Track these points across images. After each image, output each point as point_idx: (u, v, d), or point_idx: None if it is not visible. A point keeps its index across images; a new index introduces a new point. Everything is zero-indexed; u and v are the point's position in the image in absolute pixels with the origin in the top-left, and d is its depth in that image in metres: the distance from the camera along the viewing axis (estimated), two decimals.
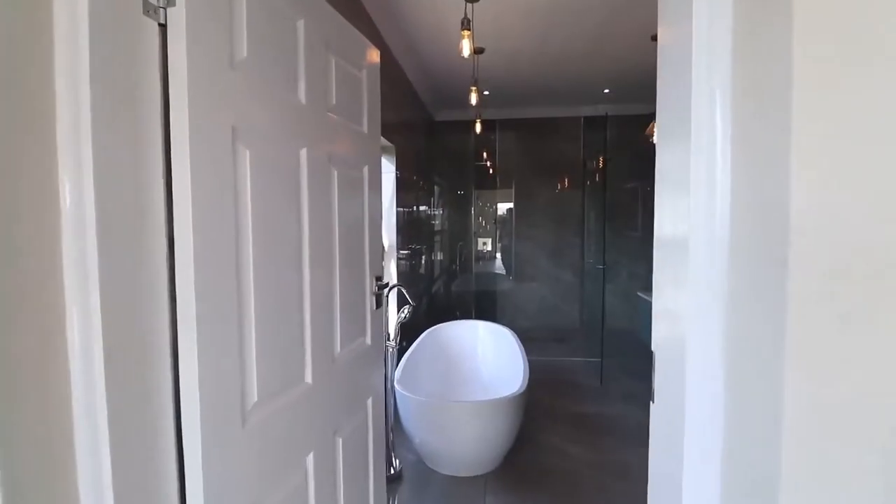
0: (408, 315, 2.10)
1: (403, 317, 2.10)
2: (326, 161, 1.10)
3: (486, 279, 5.32)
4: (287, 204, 0.96)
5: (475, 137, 4.99)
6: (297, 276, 0.99)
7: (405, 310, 2.10)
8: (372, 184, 1.37)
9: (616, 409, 2.96)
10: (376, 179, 1.41)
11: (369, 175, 1.35)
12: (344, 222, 1.19)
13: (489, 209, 5.45)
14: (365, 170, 1.33)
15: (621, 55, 3.37)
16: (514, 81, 4.01)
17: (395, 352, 2.12)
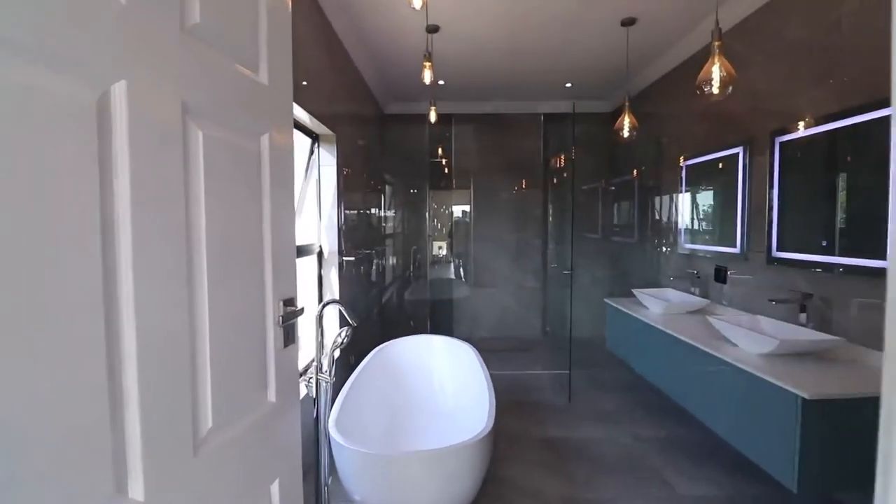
0: (346, 339, 1.66)
1: (341, 342, 1.66)
2: (177, 110, 0.65)
3: (442, 286, 4.93)
4: (75, 182, 0.51)
5: (429, 132, 4.61)
6: (94, 317, 0.54)
7: (343, 333, 1.66)
8: (278, 163, 0.93)
9: (588, 432, 2.65)
10: (286, 158, 0.97)
11: (273, 149, 0.91)
12: (220, 217, 0.74)
13: (445, 211, 5.07)
14: (264, 141, 0.89)
15: (589, 43, 3.10)
16: (471, 71, 3.66)
17: (330, 386, 1.67)
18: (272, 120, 0.91)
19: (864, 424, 1.67)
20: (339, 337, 1.67)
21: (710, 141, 2.92)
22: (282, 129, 0.94)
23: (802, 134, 2.15)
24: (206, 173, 0.71)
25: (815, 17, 2.08)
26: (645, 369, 2.81)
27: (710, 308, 2.85)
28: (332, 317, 2.66)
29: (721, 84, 1.88)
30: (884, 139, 1.73)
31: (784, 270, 2.28)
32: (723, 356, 1.98)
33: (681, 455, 2.39)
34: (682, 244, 3.27)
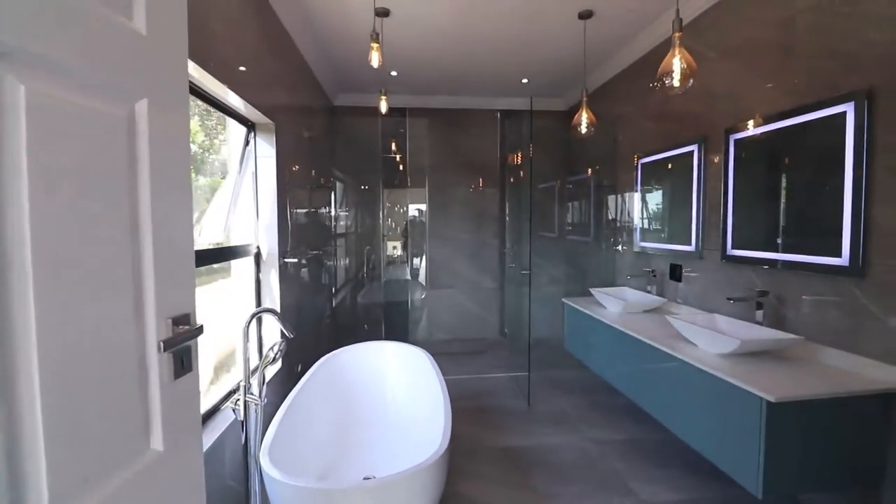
0: (279, 354, 1.44)
1: (274, 356, 1.44)
2: None
3: (397, 287, 4.73)
4: None
5: (382, 126, 4.39)
6: None
7: (276, 347, 1.44)
8: (164, 141, 0.71)
9: (548, 438, 2.55)
10: (177, 135, 0.75)
11: (155, 122, 0.69)
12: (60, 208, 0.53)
13: (400, 210, 4.87)
14: (140, 108, 0.67)
15: (546, 36, 3.00)
16: (424, 61, 3.49)
17: (262, 409, 1.44)
18: (153, 82, 0.69)
19: (827, 425, 1.66)
20: (270, 351, 1.45)
21: (666, 139, 2.90)
22: (170, 96, 0.73)
23: (755, 132, 2.14)
24: (33, 145, 0.50)
25: (769, 13, 2.07)
26: (603, 370, 2.76)
27: (666, 306, 2.83)
28: (271, 327, 2.41)
29: (682, 77, 1.82)
30: (837, 137, 1.72)
31: (739, 268, 2.27)
32: (683, 357, 1.92)
33: (642, 458, 2.33)
34: (637, 242, 3.26)
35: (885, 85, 1.57)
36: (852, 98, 1.67)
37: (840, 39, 1.73)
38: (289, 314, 2.63)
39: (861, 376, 1.61)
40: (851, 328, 1.70)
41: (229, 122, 2.33)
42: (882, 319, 1.59)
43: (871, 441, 1.58)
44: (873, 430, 1.57)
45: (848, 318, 1.71)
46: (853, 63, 1.68)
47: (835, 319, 1.76)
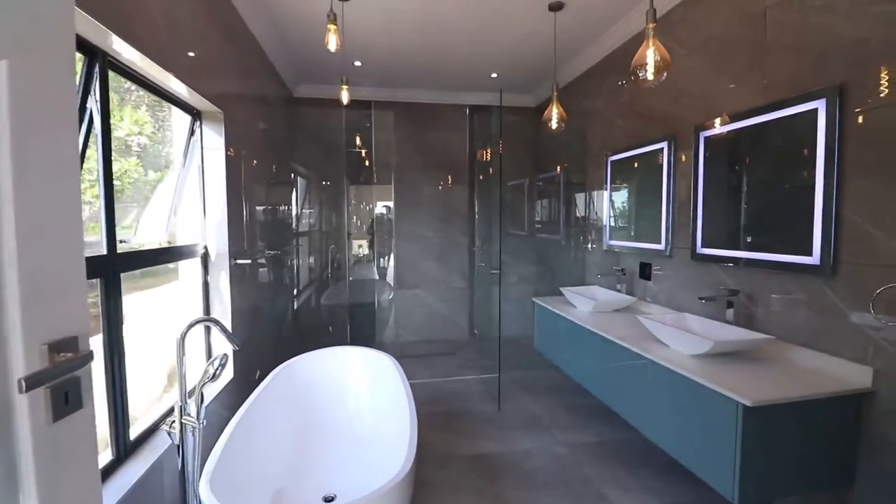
0: (220, 370, 1.27)
1: (214, 372, 1.27)
2: None
3: (363, 288, 4.55)
4: None
5: (347, 120, 4.20)
6: None
7: (217, 361, 1.27)
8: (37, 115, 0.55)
9: (520, 443, 2.47)
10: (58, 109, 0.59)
11: (19, 89, 0.53)
12: None
13: (366, 207, 4.69)
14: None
15: (515, 28, 2.90)
16: (388, 51, 3.33)
17: (201, 432, 1.27)
18: (17, 38, 0.53)
19: (802, 428, 1.63)
20: (210, 366, 1.28)
21: (635, 136, 2.87)
22: (44, 59, 0.56)
23: (726, 129, 2.12)
24: None
25: (739, 9, 2.04)
26: (574, 371, 2.70)
27: (637, 305, 2.80)
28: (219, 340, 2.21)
29: (656, 69, 1.75)
30: (808, 134, 1.70)
31: (709, 266, 2.25)
32: (655, 358, 1.87)
33: (614, 461, 2.28)
34: (607, 241, 3.23)
35: (856, 81, 1.55)
36: (823, 95, 1.64)
37: (811, 35, 1.71)
38: (242, 320, 2.43)
39: (833, 377, 1.59)
40: (822, 327, 1.68)
41: (173, 111, 2.11)
42: (852, 319, 1.57)
43: (843, 442, 1.56)
44: (845, 432, 1.56)
45: (818, 318, 1.70)
46: (824, 59, 1.66)
47: (805, 319, 1.75)
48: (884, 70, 1.48)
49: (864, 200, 1.53)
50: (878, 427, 1.49)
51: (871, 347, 1.51)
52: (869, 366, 1.51)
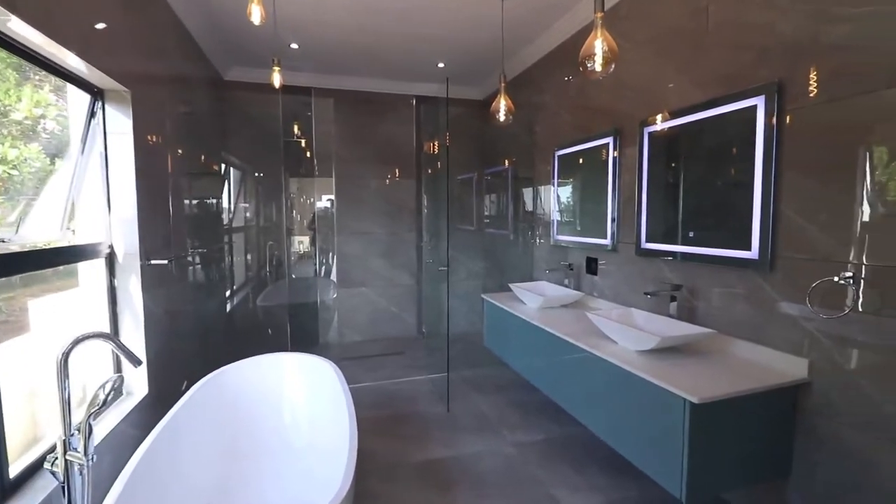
0: (112, 394, 1.06)
1: (106, 397, 1.06)
2: None
3: (305, 287, 4.30)
4: None
5: (284, 107, 3.92)
6: None
7: (108, 385, 1.06)
8: None
9: (469, 446, 2.39)
10: None
11: None
12: None
13: (307, 201, 4.42)
14: None
15: (462, 14, 2.79)
16: (330, 36, 3.11)
17: (90, 470, 1.06)
18: None
19: (744, 422, 1.65)
20: (101, 391, 1.06)
21: (582, 131, 2.86)
22: None
23: (668, 124, 2.13)
24: None
25: (683, 4, 2.05)
26: (523, 368, 2.66)
27: (584, 300, 2.81)
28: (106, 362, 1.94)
29: (604, 60, 1.70)
30: (748, 130, 1.72)
31: (653, 261, 2.27)
32: (603, 355, 1.84)
33: (563, 460, 2.26)
34: (555, 236, 3.22)
35: (794, 78, 1.57)
36: (762, 92, 1.66)
37: (751, 32, 1.73)
38: (159, 327, 2.16)
39: (772, 369, 1.62)
40: (761, 321, 1.72)
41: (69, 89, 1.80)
42: (788, 312, 1.61)
43: (781, 434, 1.60)
44: (783, 423, 1.59)
45: (757, 311, 1.73)
46: (764, 56, 1.68)
47: (745, 312, 1.78)
48: (813, 70, 1.51)
49: (800, 197, 1.56)
50: (812, 417, 1.54)
51: (807, 340, 1.55)
52: (805, 357, 1.55)
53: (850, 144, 1.41)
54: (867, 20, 1.36)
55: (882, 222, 1.34)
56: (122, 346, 1.15)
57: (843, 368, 1.44)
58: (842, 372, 1.45)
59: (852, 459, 1.42)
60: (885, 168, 1.33)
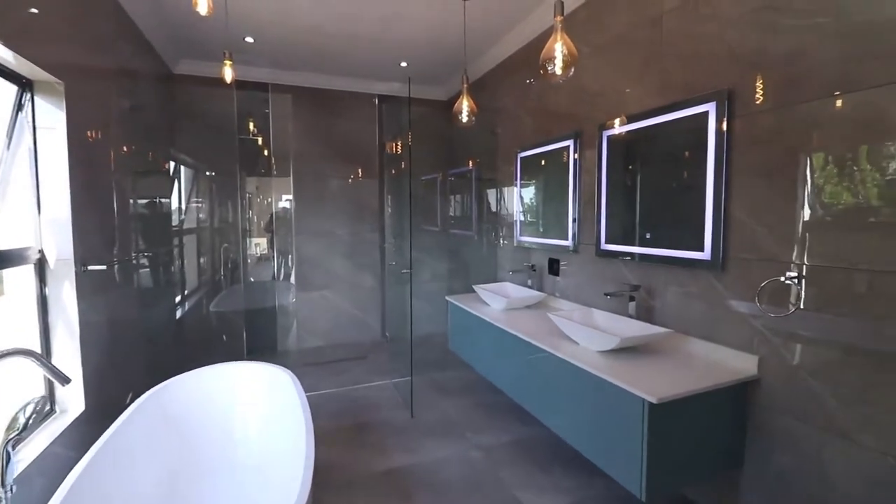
0: (32, 418, 0.96)
1: (26, 422, 0.95)
2: None
3: (263, 291, 4.13)
4: None
5: (239, 102, 3.75)
6: None
7: (29, 408, 0.95)
8: None
9: (434, 452, 2.35)
10: None
11: None
12: None
13: (263, 201, 4.25)
14: None
15: (424, 14, 2.75)
16: (288, 32, 3.00)
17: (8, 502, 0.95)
18: None
19: (700, 419, 1.69)
20: (21, 414, 0.96)
21: (543, 133, 2.89)
22: None
23: (626, 128, 2.17)
24: None
25: (639, 12, 2.10)
26: (488, 371, 2.65)
27: (547, 301, 2.83)
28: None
29: (564, 64, 1.71)
30: (700, 136, 1.78)
31: (612, 262, 2.31)
32: (564, 356, 1.86)
33: (528, 461, 2.26)
34: (518, 237, 3.23)
35: (742, 86, 1.63)
36: (714, 98, 1.72)
37: (702, 41, 1.79)
38: (98, 338, 2.00)
39: (725, 367, 1.68)
40: (714, 319, 1.78)
41: None
42: (739, 310, 1.67)
43: (734, 428, 1.66)
44: (736, 418, 1.65)
45: (710, 310, 1.79)
46: (715, 65, 1.74)
47: (699, 311, 1.84)
48: (759, 79, 1.58)
49: (749, 200, 1.63)
50: (762, 411, 1.60)
51: (756, 337, 1.62)
52: (754, 354, 1.62)
53: (792, 150, 1.48)
54: (809, 32, 1.43)
55: (819, 225, 1.41)
56: (46, 364, 1.04)
57: (789, 364, 1.51)
58: (788, 367, 1.52)
59: (799, 450, 1.49)
60: (822, 172, 1.40)
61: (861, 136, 1.31)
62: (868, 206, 1.30)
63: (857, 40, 1.30)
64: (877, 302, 1.28)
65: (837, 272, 1.37)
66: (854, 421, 1.34)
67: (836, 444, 1.39)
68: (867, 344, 1.30)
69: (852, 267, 1.33)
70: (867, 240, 1.29)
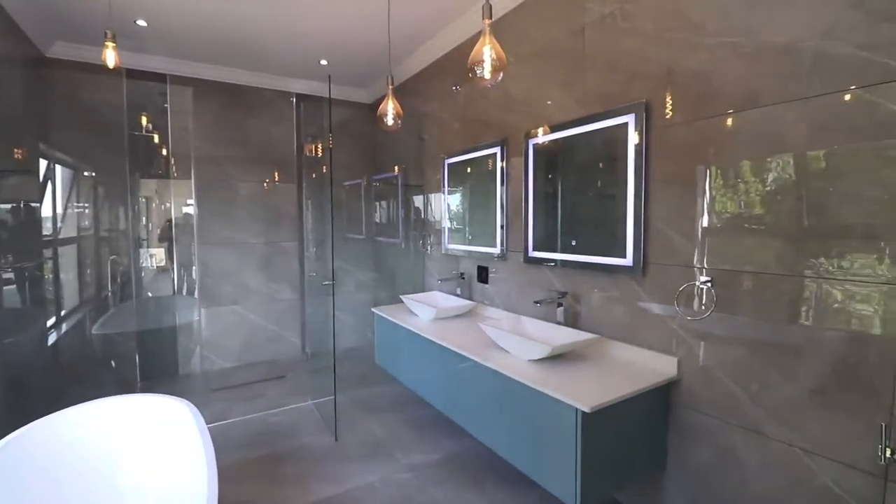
0: None
1: None
2: None
3: (159, 308, 3.65)
4: None
5: (130, 93, 3.30)
6: None
7: None
8: None
9: (361, 478, 2.18)
10: None
11: None
12: None
13: (161, 206, 3.78)
14: None
15: (346, 9, 2.60)
16: (190, 17, 2.68)
17: None
18: None
19: (628, 423, 1.69)
20: None
21: (471, 139, 2.86)
22: None
23: (550, 137, 2.20)
24: None
25: (563, 23, 2.14)
26: (417, 385, 2.54)
27: (477, 310, 2.79)
28: None
29: (492, 68, 1.67)
30: (621, 146, 1.83)
31: (540, 269, 2.32)
32: (495, 367, 1.80)
33: (460, 478, 2.18)
34: (446, 244, 3.17)
35: (658, 100, 1.70)
36: (633, 110, 1.78)
37: (622, 54, 1.85)
38: None
39: (649, 369, 1.72)
40: (637, 323, 1.83)
41: None
42: (659, 314, 1.73)
43: (658, 429, 1.70)
44: (660, 419, 1.70)
45: (633, 314, 1.84)
46: (634, 77, 1.80)
47: (623, 316, 1.88)
48: (670, 93, 1.66)
49: (665, 208, 1.69)
50: (682, 411, 1.66)
51: (675, 339, 1.68)
52: (674, 356, 1.67)
53: (697, 161, 1.56)
54: (716, 50, 1.51)
55: (718, 231, 1.50)
56: None
57: (705, 364, 1.58)
58: (704, 367, 1.59)
59: (717, 446, 1.56)
60: (715, 181, 1.51)
61: (751, 150, 1.40)
62: (751, 214, 1.40)
63: (760, 60, 1.40)
64: (768, 301, 1.37)
65: (740, 275, 1.45)
66: (763, 415, 1.42)
67: (749, 438, 1.46)
68: (767, 340, 1.39)
69: (744, 270, 1.42)
70: (753, 244, 1.39)
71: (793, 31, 1.31)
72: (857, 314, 1.20)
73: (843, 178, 1.22)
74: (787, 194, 1.33)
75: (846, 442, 1.23)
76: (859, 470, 1.21)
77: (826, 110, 1.25)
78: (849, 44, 1.20)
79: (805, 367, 1.32)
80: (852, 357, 1.21)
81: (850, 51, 1.20)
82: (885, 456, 1.13)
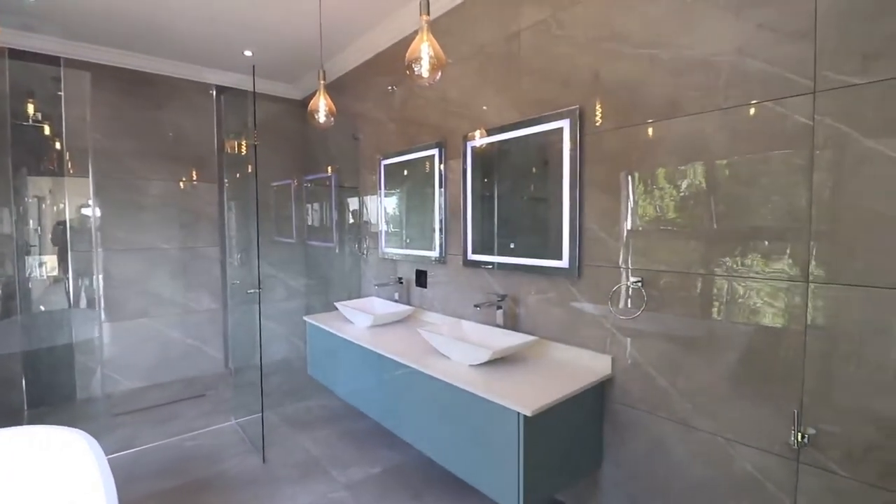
0: None
1: None
2: None
3: (52, 324, 3.18)
4: None
5: (14, 76, 2.85)
6: None
7: None
8: None
9: (295, 500, 2.02)
10: None
11: None
12: None
13: (54, 207, 3.30)
14: None
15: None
16: None
17: None
18: None
19: (567, 423, 1.71)
20: None
21: (408, 141, 2.79)
22: None
23: (487, 140, 2.20)
24: None
25: (499, 27, 2.14)
26: (353, 396, 2.42)
27: (416, 315, 2.72)
28: None
29: (430, 66, 1.62)
30: (556, 151, 1.86)
31: (479, 272, 2.31)
32: (435, 374, 1.75)
33: (399, 491, 2.09)
34: (383, 248, 3.07)
35: (589, 107, 1.75)
36: (567, 116, 1.82)
37: (557, 60, 1.88)
38: None
39: (586, 369, 1.76)
40: (572, 324, 1.86)
41: None
42: (594, 314, 1.77)
43: (594, 427, 1.74)
44: (596, 417, 1.74)
45: (569, 315, 1.87)
46: (568, 83, 1.84)
47: (560, 317, 1.91)
48: (600, 101, 1.72)
49: (598, 211, 1.74)
50: (616, 407, 1.71)
51: (609, 338, 1.73)
52: (608, 354, 1.72)
53: (622, 167, 1.63)
54: (640, 61, 1.58)
55: (641, 234, 1.57)
56: None
57: (637, 361, 1.64)
58: (636, 364, 1.64)
59: (649, 440, 1.62)
60: (637, 187, 1.59)
61: (670, 158, 1.48)
62: (665, 217, 1.48)
63: (681, 72, 1.47)
64: (689, 299, 1.44)
65: (665, 275, 1.53)
66: (690, 407, 1.50)
67: (677, 430, 1.53)
68: (689, 336, 1.47)
69: (669, 270, 1.49)
70: (675, 246, 1.46)
71: (710, 45, 1.40)
72: (763, 309, 1.30)
73: (751, 185, 1.31)
74: (700, 200, 1.42)
75: (763, 429, 1.32)
76: (775, 454, 1.30)
77: (740, 121, 1.34)
78: (759, 59, 1.30)
79: (724, 361, 1.40)
80: (764, 349, 1.31)
81: (761, 66, 1.29)
82: (797, 440, 1.23)
